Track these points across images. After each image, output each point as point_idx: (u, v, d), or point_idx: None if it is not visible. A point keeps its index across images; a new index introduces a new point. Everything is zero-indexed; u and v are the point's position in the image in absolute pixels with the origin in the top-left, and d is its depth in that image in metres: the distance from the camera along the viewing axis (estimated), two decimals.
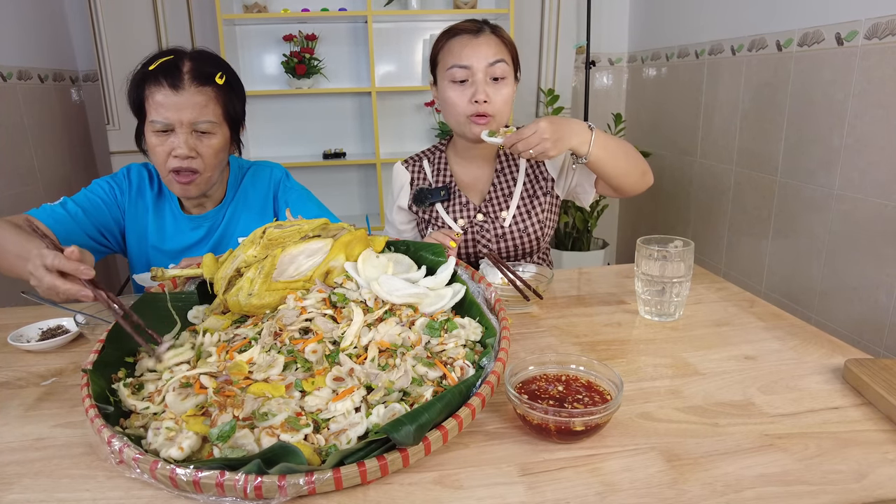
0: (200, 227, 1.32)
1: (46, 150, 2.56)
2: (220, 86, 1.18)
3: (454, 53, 1.26)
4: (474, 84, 1.25)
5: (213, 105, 1.17)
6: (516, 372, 0.78)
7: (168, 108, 1.13)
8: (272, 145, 3.03)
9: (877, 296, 1.69)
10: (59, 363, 0.96)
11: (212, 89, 1.17)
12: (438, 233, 1.22)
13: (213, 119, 1.17)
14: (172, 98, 1.13)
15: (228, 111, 1.21)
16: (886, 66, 1.62)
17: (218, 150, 1.21)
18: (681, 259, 1.02)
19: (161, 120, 1.13)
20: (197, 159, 1.18)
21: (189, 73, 1.15)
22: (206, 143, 1.18)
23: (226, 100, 1.20)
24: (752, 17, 2.15)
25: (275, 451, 0.61)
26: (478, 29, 1.28)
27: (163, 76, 1.13)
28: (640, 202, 3.13)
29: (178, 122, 1.14)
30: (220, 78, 1.18)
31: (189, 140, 1.15)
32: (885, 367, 0.80)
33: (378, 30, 2.90)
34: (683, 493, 0.62)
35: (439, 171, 1.42)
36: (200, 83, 1.15)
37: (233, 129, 1.25)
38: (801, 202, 1.96)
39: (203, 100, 1.15)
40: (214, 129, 1.18)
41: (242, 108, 1.28)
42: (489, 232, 1.35)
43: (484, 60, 1.24)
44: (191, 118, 1.14)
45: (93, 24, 2.67)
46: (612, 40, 3.12)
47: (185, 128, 1.15)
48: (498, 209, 1.36)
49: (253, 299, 0.88)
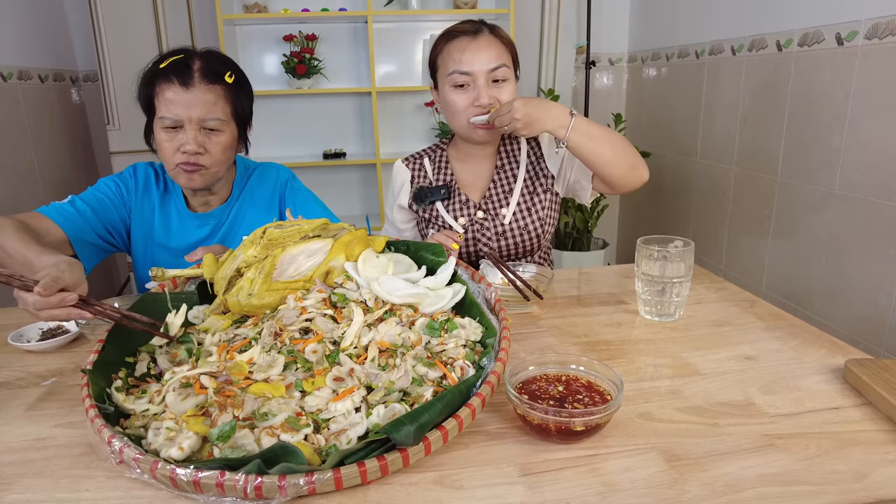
0: (206, 225, 1.33)
1: (46, 150, 2.56)
2: (230, 84, 1.20)
3: (454, 58, 1.26)
4: (476, 88, 1.25)
5: (221, 103, 1.19)
6: (516, 372, 0.78)
7: (178, 104, 1.15)
8: (272, 145, 3.04)
9: (877, 296, 1.69)
10: (60, 363, 0.96)
11: (221, 87, 1.19)
12: (440, 234, 1.22)
13: (221, 116, 1.19)
14: (182, 95, 1.15)
15: (237, 109, 1.23)
16: (886, 66, 1.62)
17: (226, 147, 1.22)
18: (681, 259, 1.02)
19: (171, 116, 1.15)
20: (205, 155, 1.19)
21: (199, 70, 1.17)
22: (215, 140, 1.20)
23: (234, 98, 1.22)
24: (752, 17, 2.15)
25: (275, 452, 0.61)
26: (475, 30, 1.27)
27: (173, 73, 1.15)
28: (640, 202, 3.13)
29: (187, 118, 1.15)
30: (230, 77, 1.20)
31: (198, 136, 1.17)
32: (885, 367, 0.80)
33: (378, 30, 2.90)
34: (683, 493, 0.62)
35: (440, 169, 1.41)
36: (210, 81, 1.17)
37: (240, 127, 1.27)
38: (801, 202, 1.96)
39: (212, 97, 1.17)
40: (223, 127, 1.20)
41: (250, 107, 1.29)
42: (489, 230, 1.35)
43: (485, 65, 1.24)
44: (200, 115, 1.16)
45: (93, 24, 2.67)
46: (612, 40, 3.13)
47: (193, 124, 1.16)
48: (498, 206, 1.36)
49: (253, 299, 0.88)
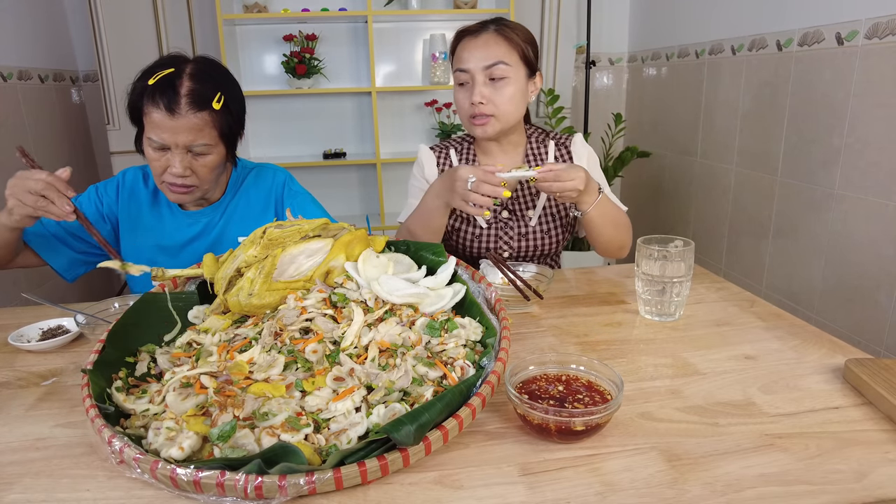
0: (198, 223, 1.33)
1: (46, 150, 2.56)
2: (217, 110, 1.17)
3: (458, 56, 1.29)
4: (473, 86, 1.26)
5: (208, 129, 1.17)
6: (516, 372, 0.78)
7: (164, 129, 1.13)
8: (272, 145, 3.04)
9: (877, 296, 1.69)
10: (60, 363, 0.96)
11: (208, 113, 1.16)
12: (479, 171, 1.12)
13: (209, 142, 1.17)
14: (168, 122, 1.13)
15: (224, 132, 1.21)
16: (886, 66, 1.62)
17: (213, 167, 1.22)
18: (681, 259, 1.02)
19: (157, 139, 1.14)
20: (191, 177, 1.19)
21: (186, 96, 1.13)
22: (201, 163, 1.19)
23: (222, 122, 1.19)
24: (752, 17, 2.15)
25: (275, 451, 0.61)
26: (478, 30, 1.28)
27: (160, 96, 1.12)
28: (640, 202, 3.13)
29: (173, 143, 1.15)
30: (217, 102, 1.17)
31: (184, 160, 1.17)
32: (885, 367, 0.80)
33: (378, 30, 2.90)
34: (683, 493, 0.62)
35: (467, 161, 1.40)
36: (196, 108, 1.14)
37: (229, 144, 1.24)
38: (801, 202, 1.96)
39: (199, 124, 1.15)
40: (210, 150, 1.19)
41: (241, 120, 1.27)
42: (513, 230, 1.36)
43: (481, 62, 1.24)
44: (186, 141, 1.15)
45: (93, 24, 2.67)
46: (612, 40, 3.12)
47: (180, 149, 1.15)
48: (524, 207, 1.37)
49: (253, 299, 0.88)
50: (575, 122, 3.12)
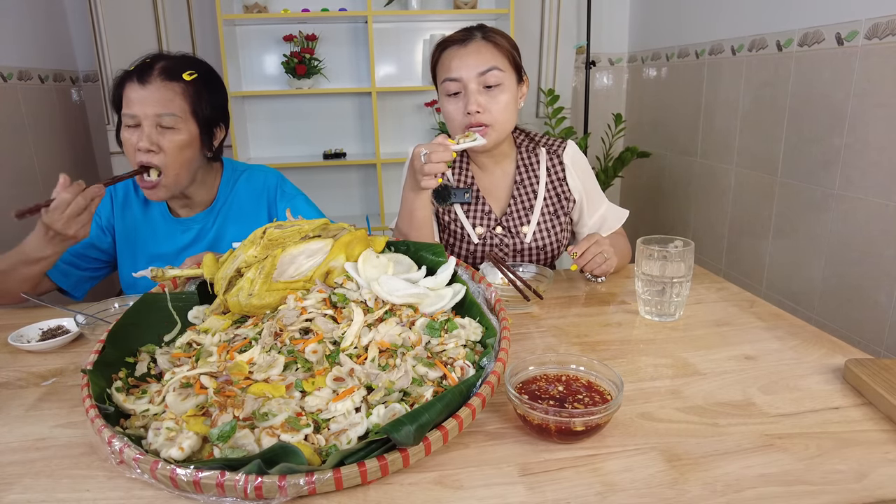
0: (190, 230, 1.32)
1: (46, 150, 2.56)
2: (189, 82, 1.20)
3: (445, 66, 1.25)
4: (467, 95, 1.23)
5: (178, 100, 1.18)
6: (516, 372, 0.78)
7: (135, 101, 1.16)
8: (272, 145, 3.04)
9: (877, 296, 1.69)
10: (60, 363, 0.96)
11: (178, 85, 1.18)
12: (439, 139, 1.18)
13: (177, 113, 1.17)
14: (139, 92, 1.16)
15: (196, 108, 1.21)
16: (886, 66, 1.62)
17: (182, 147, 1.19)
18: (681, 259, 1.02)
19: (129, 113, 1.16)
20: (159, 154, 1.18)
21: (159, 69, 1.18)
22: (169, 139, 1.18)
23: (194, 97, 1.20)
24: (752, 17, 2.15)
25: (275, 452, 0.61)
26: (465, 38, 1.25)
27: (135, 73, 1.17)
28: (640, 202, 3.13)
29: (143, 115, 1.16)
30: (190, 75, 1.20)
31: (152, 134, 1.17)
32: (885, 367, 0.80)
33: (378, 30, 2.90)
34: (683, 493, 0.62)
35: (461, 170, 1.39)
36: (167, 78, 1.17)
37: (203, 128, 1.23)
38: (801, 202, 1.96)
39: (169, 94, 1.17)
40: (178, 125, 1.18)
41: (220, 108, 1.27)
42: (508, 246, 1.34)
43: (473, 70, 1.22)
44: (154, 111, 1.16)
45: (93, 24, 2.67)
46: (612, 40, 3.12)
47: (149, 121, 1.16)
48: (518, 223, 1.35)
49: (253, 299, 0.88)
50: (575, 123, 3.11)
